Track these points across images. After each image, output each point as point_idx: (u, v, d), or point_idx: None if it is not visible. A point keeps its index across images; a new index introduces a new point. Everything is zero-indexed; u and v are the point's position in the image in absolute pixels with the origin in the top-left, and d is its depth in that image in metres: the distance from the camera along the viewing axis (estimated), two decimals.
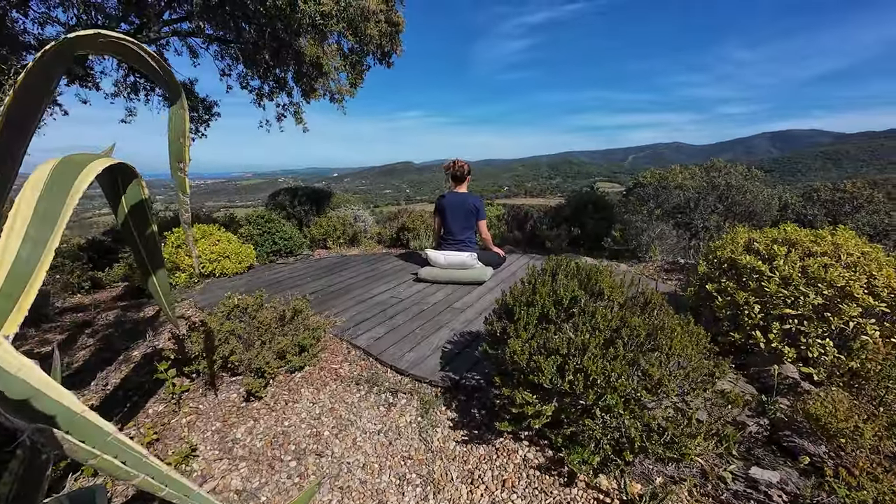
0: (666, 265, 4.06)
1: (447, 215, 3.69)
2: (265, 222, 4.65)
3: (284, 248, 4.77)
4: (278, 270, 4.24)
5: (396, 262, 4.52)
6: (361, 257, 4.83)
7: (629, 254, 4.46)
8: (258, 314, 2.27)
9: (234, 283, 3.81)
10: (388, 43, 5.17)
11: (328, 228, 5.23)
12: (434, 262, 3.64)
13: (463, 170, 3.65)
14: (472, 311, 2.93)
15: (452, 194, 3.70)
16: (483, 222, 3.73)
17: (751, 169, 13.97)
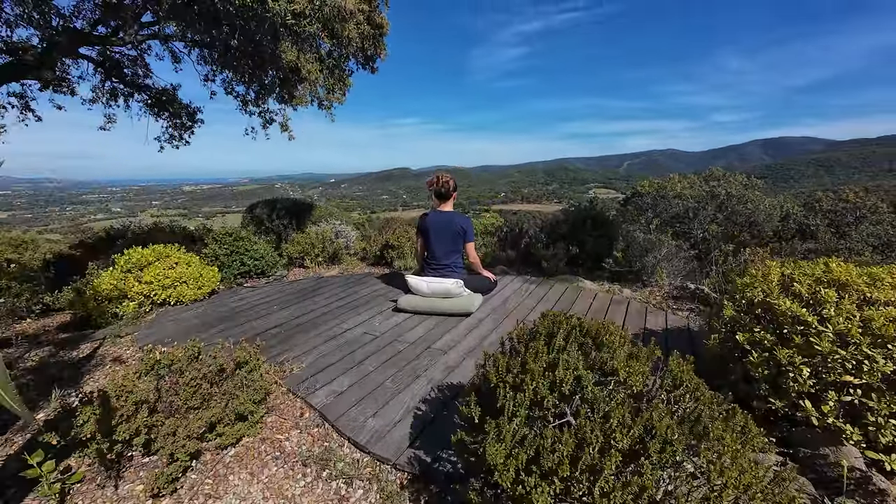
0: (674, 290, 3.66)
1: (431, 237, 3.28)
2: (233, 241, 4.22)
3: (255, 269, 4.34)
4: (244, 296, 3.80)
5: (377, 285, 4.10)
6: (340, 279, 4.40)
7: (632, 276, 4.06)
8: (189, 369, 1.84)
9: (189, 312, 3.37)
10: (371, 46, 4.79)
11: (305, 246, 4.81)
12: (416, 289, 3.23)
13: (448, 186, 3.25)
14: (455, 354, 2.51)
15: (437, 214, 3.30)
16: (471, 245, 3.33)
17: (750, 178, 13.68)
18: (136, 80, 7.26)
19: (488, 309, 3.31)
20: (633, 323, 2.95)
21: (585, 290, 3.78)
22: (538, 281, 4.09)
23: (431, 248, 3.32)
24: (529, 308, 3.32)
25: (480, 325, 2.98)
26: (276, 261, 4.64)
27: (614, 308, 3.28)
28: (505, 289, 3.84)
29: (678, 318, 3.04)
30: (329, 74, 4.74)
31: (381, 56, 5.10)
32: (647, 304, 3.38)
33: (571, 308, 3.30)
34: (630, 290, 3.79)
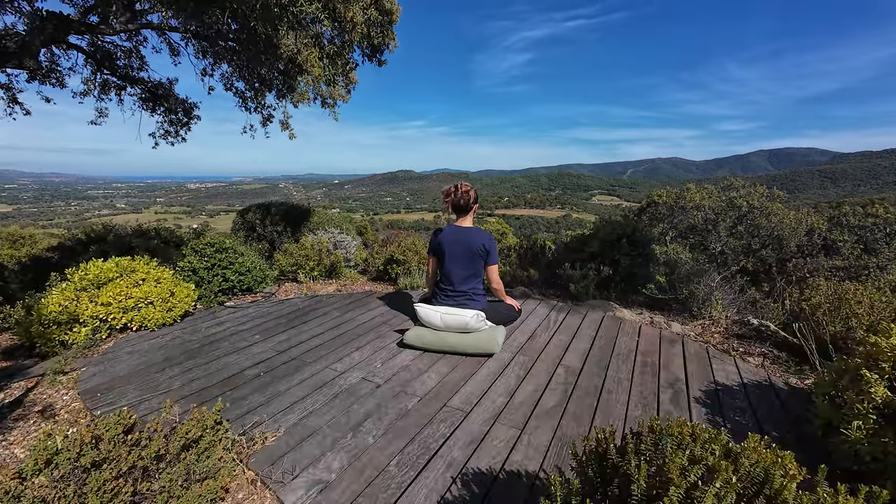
0: (734, 326, 3.08)
1: (446, 258, 2.72)
2: (215, 252, 3.66)
3: (240, 286, 3.77)
4: (222, 320, 3.23)
5: (379, 308, 3.53)
6: (337, 298, 3.84)
7: (678, 305, 3.48)
8: (109, 460, 1.28)
9: (153, 341, 2.80)
10: (379, 34, 4.25)
11: (299, 258, 4.24)
12: (427, 321, 2.65)
13: (468, 198, 2.69)
14: (479, 416, 1.94)
15: (454, 229, 2.73)
16: (494, 268, 2.76)
17: (772, 189, 13.03)
18: (129, 72, 6.76)
19: (513, 346, 2.73)
20: (697, 373, 2.37)
21: (625, 322, 3.19)
22: (567, 308, 3.51)
23: (446, 271, 2.75)
24: (563, 346, 2.74)
25: (506, 370, 2.41)
26: (266, 275, 4.07)
27: (668, 349, 2.69)
28: (529, 318, 3.27)
29: (752, 368, 2.45)
30: (330, 63, 4.20)
31: (390, 47, 4.56)
32: (707, 344, 2.80)
33: (614, 348, 2.72)
34: (678, 323, 3.20)
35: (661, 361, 2.52)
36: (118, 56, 6.71)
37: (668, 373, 2.38)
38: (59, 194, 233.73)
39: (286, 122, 6.33)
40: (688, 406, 2.05)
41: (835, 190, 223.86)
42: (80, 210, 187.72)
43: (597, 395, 2.15)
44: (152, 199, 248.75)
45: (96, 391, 2.18)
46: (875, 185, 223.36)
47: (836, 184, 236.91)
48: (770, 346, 2.70)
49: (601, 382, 2.27)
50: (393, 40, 4.50)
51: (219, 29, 4.70)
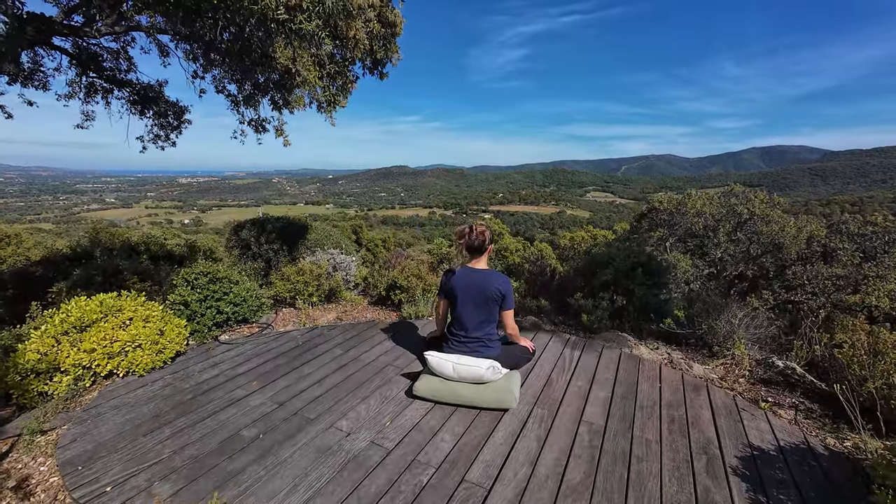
0: (758, 367, 2.94)
1: (458, 302, 2.53)
2: (208, 283, 3.44)
3: (235, 317, 3.56)
4: (217, 360, 3.03)
5: (384, 342, 3.34)
6: (338, 329, 3.64)
7: (695, 340, 3.33)
8: None
9: (142, 391, 2.59)
10: (382, 48, 4.03)
11: (297, 284, 4.04)
12: (438, 371, 2.47)
13: (483, 238, 2.50)
14: (502, 496, 1.77)
15: (467, 272, 2.54)
16: (510, 313, 2.58)
17: (772, 196, 12.98)
18: (116, 74, 6.45)
19: (529, 397, 2.56)
20: (729, 432, 2.22)
21: (644, 362, 3.04)
22: (581, 342, 3.35)
23: (459, 316, 2.57)
24: (582, 395, 2.58)
25: (525, 429, 2.24)
26: (262, 303, 3.86)
27: (693, 399, 2.54)
28: (543, 356, 3.10)
29: (786, 426, 2.31)
30: (330, 82, 3.97)
31: (393, 60, 4.34)
32: (733, 391, 2.65)
33: (636, 397, 2.56)
34: (698, 363, 3.06)
35: (689, 416, 2.37)
36: (105, 58, 6.41)
37: (698, 432, 2.23)
38: (46, 188, 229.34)
39: (280, 128, 6.07)
40: (725, 478, 1.90)
41: (825, 188, 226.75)
42: (69, 205, 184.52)
43: (626, 463, 1.99)
44: (143, 193, 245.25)
45: (77, 462, 1.97)
46: (864, 182, 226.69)
47: (826, 182, 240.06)
48: (800, 396, 2.56)
49: (629, 446, 2.11)
50: (396, 53, 4.28)
51: (211, 39, 4.45)
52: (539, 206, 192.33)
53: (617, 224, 26.30)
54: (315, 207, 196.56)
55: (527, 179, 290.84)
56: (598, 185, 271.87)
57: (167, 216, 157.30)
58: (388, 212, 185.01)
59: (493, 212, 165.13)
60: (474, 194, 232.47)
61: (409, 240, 57.34)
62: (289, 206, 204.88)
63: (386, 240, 31.67)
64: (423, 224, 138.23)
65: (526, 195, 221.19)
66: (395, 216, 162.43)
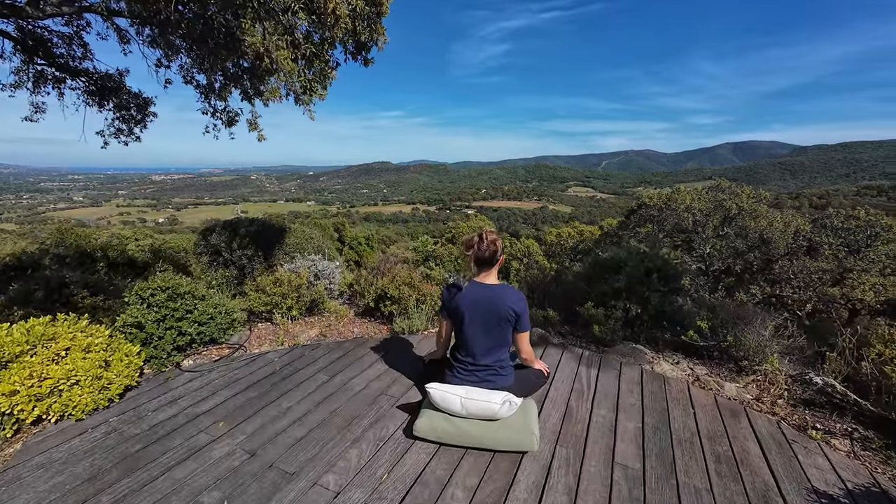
0: (795, 387, 2.65)
1: (466, 323, 2.14)
2: (167, 300, 2.94)
3: (201, 338, 3.08)
4: (176, 394, 2.55)
5: (375, 363, 2.92)
6: (322, 349, 3.20)
7: (719, 353, 3.04)
8: None
9: (77, 442, 2.10)
10: (366, 30, 3.58)
11: (275, 297, 3.57)
12: (444, 407, 2.08)
13: (494, 248, 2.11)
14: None
15: (476, 287, 2.15)
16: (526, 335, 2.20)
17: (758, 190, 12.97)
18: (70, 62, 5.77)
19: (549, 433, 2.19)
20: (786, 472, 1.90)
21: (668, 381, 2.72)
22: (596, 360, 3.01)
23: (465, 339, 2.18)
24: (608, 427, 2.23)
25: (550, 478, 1.87)
26: (234, 318, 3.39)
27: (734, 428, 2.22)
28: (557, 379, 2.74)
29: (846, 461, 2.01)
30: (306, 65, 3.50)
31: (379, 43, 3.88)
32: (776, 417, 2.34)
33: (671, 428, 2.23)
34: (728, 380, 2.75)
35: (735, 452, 2.04)
36: (56, 43, 5.72)
37: (750, 474, 1.90)
38: (8, 187, 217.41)
39: (254, 121, 5.52)
40: None
41: (794, 181, 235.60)
42: (34, 204, 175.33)
43: None
44: (113, 191, 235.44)
45: None
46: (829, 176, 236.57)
47: (795, 176, 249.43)
48: (852, 421, 2.28)
49: (676, 498, 1.77)
50: (382, 35, 3.83)
51: (167, 16, 3.90)
52: (522, 202, 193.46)
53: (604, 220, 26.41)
54: (296, 205, 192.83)
55: (509, 175, 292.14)
56: (579, 180, 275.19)
57: (140, 215, 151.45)
58: (370, 208, 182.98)
59: (477, 207, 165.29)
60: (457, 190, 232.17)
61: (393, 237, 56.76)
62: (269, 204, 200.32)
63: (370, 237, 31.05)
64: (406, 220, 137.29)
65: (509, 191, 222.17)
66: (377, 213, 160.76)
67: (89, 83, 5.92)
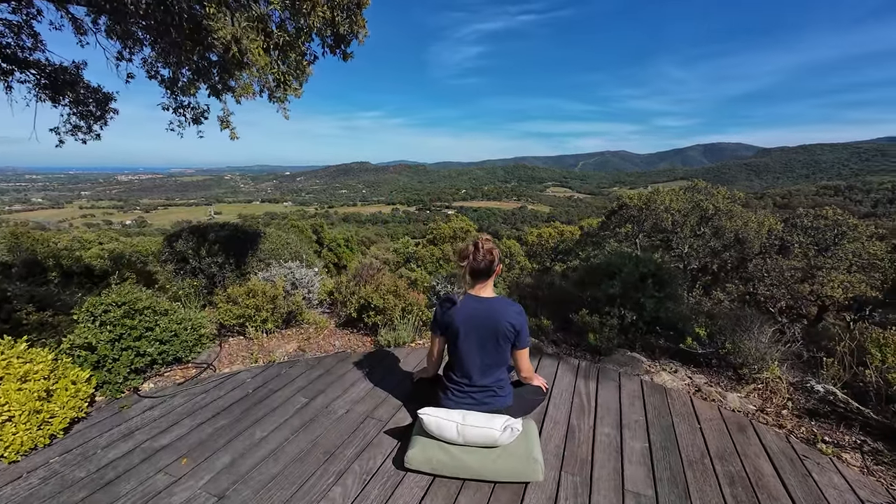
0: (797, 395, 2.58)
1: (461, 340, 1.95)
2: (122, 317, 2.62)
3: (163, 358, 2.77)
4: (133, 426, 2.25)
5: (359, 382, 2.69)
6: (300, 366, 2.94)
7: (717, 361, 2.95)
8: None
9: (9, 492, 1.79)
10: (346, 21, 3.34)
11: (247, 309, 3.28)
12: (438, 435, 1.88)
13: (491, 258, 1.93)
14: None
15: (471, 301, 1.95)
16: (525, 352, 2.02)
17: (733, 191, 13.28)
18: (18, 53, 5.27)
19: (552, 457, 2.02)
20: (805, 497, 1.79)
21: (671, 394, 2.60)
22: (593, 371, 2.87)
23: (460, 358, 1.98)
24: (615, 448, 2.08)
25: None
26: (201, 334, 3.08)
27: (744, 445, 2.11)
28: (555, 393, 2.58)
29: (860, 478, 1.91)
30: (280, 57, 3.23)
31: (360, 36, 3.64)
32: (783, 430, 2.25)
33: (678, 445, 2.10)
34: (729, 390, 2.66)
35: (749, 472, 1.92)
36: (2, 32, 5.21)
37: (767, 496, 1.78)
38: None
39: (226, 118, 5.17)
40: None
41: (759, 182, 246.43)
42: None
43: None
44: (76, 192, 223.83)
45: None
46: (791, 177, 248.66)
47: (759, 176, 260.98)
48: (860, 433, 2.20)
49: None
50: (363, 28, 3.59)
51: (125, 4, 3.55)
52: (501, 202, 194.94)
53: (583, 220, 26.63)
54: (272, 206, 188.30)
55: (488, 175, 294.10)
56: (556, 180, 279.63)
57: (105, 217, 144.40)
58: (349, 209, 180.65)
59: (457, 208, 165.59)
60: (437, 190, 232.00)
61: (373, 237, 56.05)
62: (243, 205, 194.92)
63: (349, 239, 30.45)
64: (386, 221, 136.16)
65: (488, 191, 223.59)
66: (357, 213, 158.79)
67: (41, 76, 5.43)
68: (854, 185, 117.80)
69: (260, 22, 2.84)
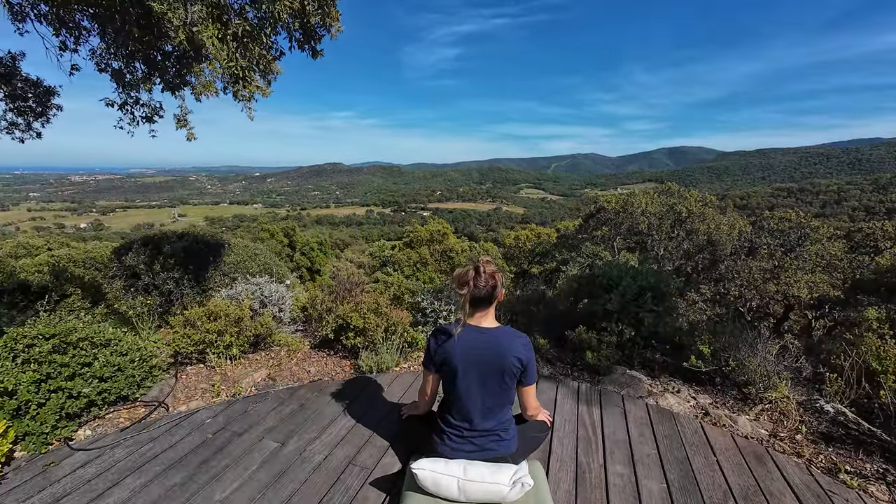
0: (807, 416, 2.45)
1: (459, 378, 1.68)
2: (50, 353, 2.20)
3: (104, 398, 2.36)
4: (62, 485, 1.84)
5: (338, 418, 2.37)
6: (269, 400, 2.58)
7: (721, 379, 2.81)
8: None
9: None
10: (317, 11, 3.01)
11: (207, 334, 2.88)
12: (435, 490, 1.60)
13: (493, 282, 1.67)
14: None
15: (471, 334, 1.69)
16: (532, 389, 1.78)
17: (704, 195, 13.63)
18: None
19: (562, 501, 1.78)
20: None
21: (680, 421, 2.42)
22: (594, 395, 2.66)
23: (460, 400, 1.71)
24: (630, 491, 1.86)
25: None
26: (152, 365, 2.67)
27: (766, 480, 1.94)
28: (558, 425, 2.35)
29: None
30: (239, 49, 2.86)
31: (332, 30, 3.32)
32: (802, 458, 2.10)
33: (698, 484, 1.90)
34: (735, 411, 2.51)
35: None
36: None
37: None
38: None
39: (183, 117, 4.68)
40: None
41: (720, 184, 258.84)
42: None
43: None
44: (23, 193, 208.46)
45: None
46: (748, 179, 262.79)
47: (720, 178, 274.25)
48: (880, 460, 2.08)
49: None
50: (336, 22, 3.27)
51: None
52: (476, 203, 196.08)
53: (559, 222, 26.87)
54: (241, 207, 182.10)
55: (464, 177, 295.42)
56: (530, 182, 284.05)
57: (57, 220, 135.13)
58: (322, 211, 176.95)
59: (433, 209, 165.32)
60: (412, 192, 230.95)
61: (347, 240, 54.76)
62: (210, 207, 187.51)
63: (322, 242, 29.53)
64: (361, 223, 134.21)
65: (463, 192, 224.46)
66: (330, 215, 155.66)
67: None
68: (805, 188, 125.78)
69: (217, 8, 2.47)
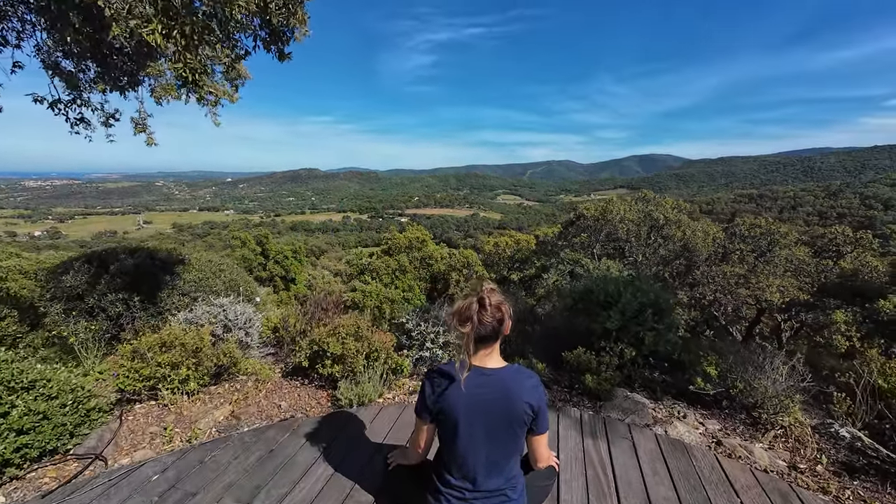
0: (823, 442, 2.30)
1: (461, 430, 1.40)
2: None
3: (25, 452, 1.94)
4: None
5: (312, 469, 2.03)
6: (232, 447, 2.22)
7: (728, 402, 2.64)
8: None
9: None
10: (282, 11, 2.71)
11: (159, 369, 2.48)
12: None
13: (500, 315, 1.40)
14: None
15: (476, 378, 1.41)
16: (544, 438, 1.52)
17: (678, 202, 13.92)
18: None
19: None
20: None
21: (694, 454, 2.21)
22: (599, 425, 2.43)
23: (461, 455, 1.43)
24: None
25: None
26: (90, 407, 2.26)
27: None
28: (564, 463, 2.10)
29: None
30: (187, 46, 2.50)
31: (297, 33, 3.02)
32: (830, 496, 1.92)
33: None
34: (747, 438, 2.34)
35: None
36: None
37: None
38: None
39: (142, 121, 4.23)
40: None
41: (686, 190, 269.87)
42: None
43: None
44: None
45: None
46: (713, 186, 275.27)
47: (687, 185, 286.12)
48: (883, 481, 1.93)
49: None
50: (303, 24, 2.97)
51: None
52: (454, 209, 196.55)
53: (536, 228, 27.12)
54: (212, 214, 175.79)
55: (441, 183, 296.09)
56: (507, 188, 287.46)
57: (9, 227, 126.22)
58: (298, 217, 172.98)
59: (410, 215, 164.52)
60: (390, 198, 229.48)
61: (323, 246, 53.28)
62: (178, 213, 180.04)
63: (297, 250, 28.61)
64: (337, 229, 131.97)
65: (441, 198, 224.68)
66: (305, 222, 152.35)
67: None
68: (764, 194, 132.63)
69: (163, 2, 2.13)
